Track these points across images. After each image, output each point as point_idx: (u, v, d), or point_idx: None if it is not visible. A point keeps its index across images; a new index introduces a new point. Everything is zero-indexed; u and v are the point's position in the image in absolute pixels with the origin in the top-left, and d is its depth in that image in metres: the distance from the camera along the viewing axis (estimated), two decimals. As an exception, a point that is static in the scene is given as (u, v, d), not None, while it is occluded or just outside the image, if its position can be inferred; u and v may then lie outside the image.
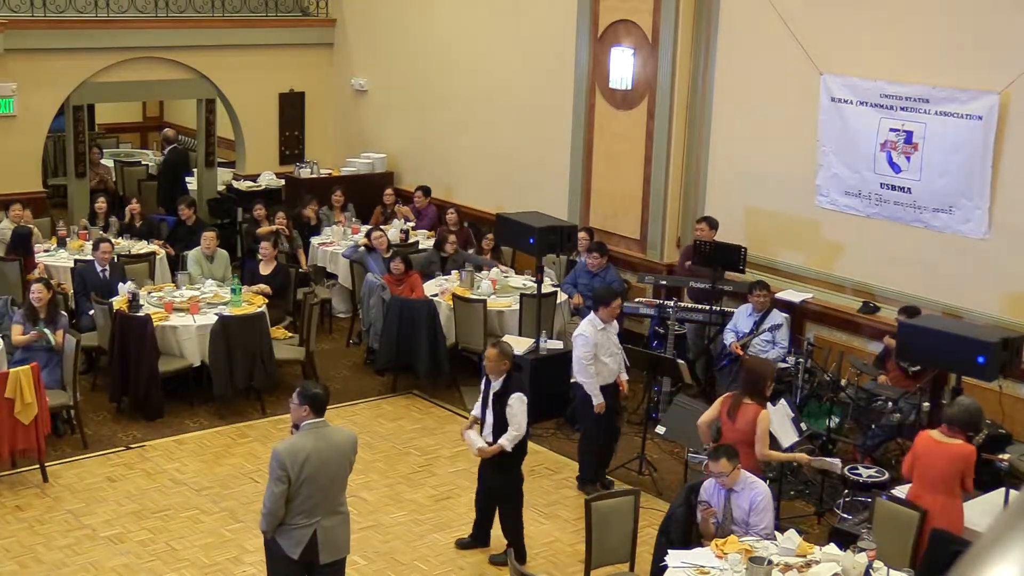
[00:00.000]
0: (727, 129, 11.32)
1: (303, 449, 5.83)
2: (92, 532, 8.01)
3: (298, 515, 5.88)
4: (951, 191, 9.53)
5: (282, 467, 5.76)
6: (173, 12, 14.78)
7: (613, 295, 8.80)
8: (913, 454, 6.95)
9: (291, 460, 5.78)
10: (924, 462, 6.81)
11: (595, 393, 8.57)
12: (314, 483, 5.85)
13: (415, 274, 11.29)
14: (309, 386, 6.06)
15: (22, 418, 8.48)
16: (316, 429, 5.94)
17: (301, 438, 5.90)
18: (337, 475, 6.03)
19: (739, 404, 7.22)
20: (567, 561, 7.80)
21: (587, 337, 8.53)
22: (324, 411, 5.99)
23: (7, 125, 13.59)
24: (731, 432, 7.22)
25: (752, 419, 7.14)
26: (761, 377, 7.31)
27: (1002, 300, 9.30)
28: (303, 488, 5.82)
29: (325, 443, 5.93)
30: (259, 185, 15.18)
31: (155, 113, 20.91)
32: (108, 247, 11.10)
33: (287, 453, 5.80)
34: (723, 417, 7.32)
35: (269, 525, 5.90)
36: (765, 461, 7.40)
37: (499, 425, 7.48)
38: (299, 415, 5.95)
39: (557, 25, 12.58)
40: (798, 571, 6.07)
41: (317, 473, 5.85)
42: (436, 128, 14.68)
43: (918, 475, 6.86)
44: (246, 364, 9.99)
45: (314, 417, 5.93)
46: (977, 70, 9.30)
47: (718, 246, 10.39)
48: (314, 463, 5.84)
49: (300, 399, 5.94)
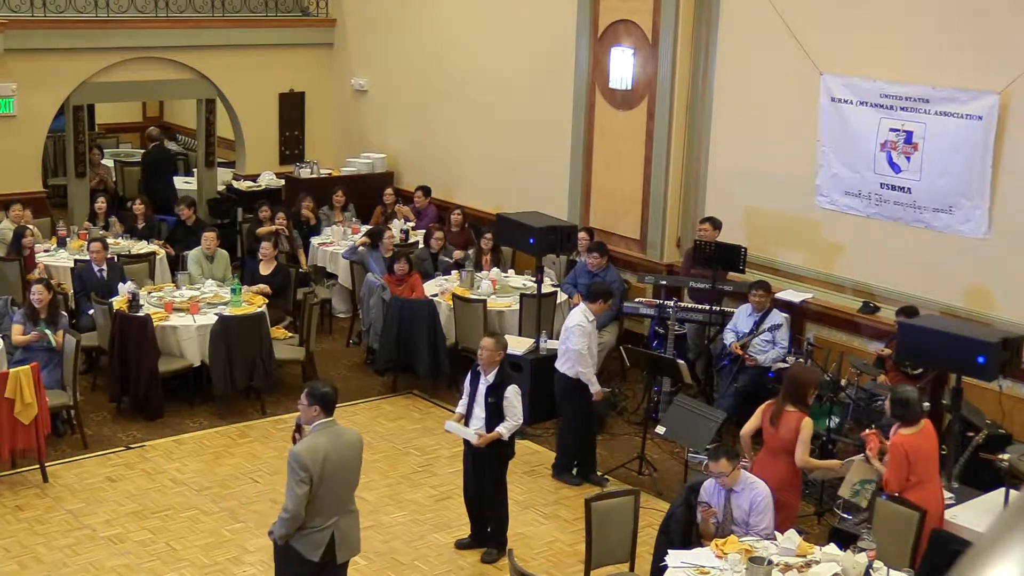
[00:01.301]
0: (727, 129, 11.32)
1: (321, 448, 5.84)
2: (92, 532, 8.01)
3: (317, 516, 5.88)
4: (951, 191, 9.53)
5: (304, 468, 5.76)
6: (173, 12, 14.78)
7: (606, 294, 8.93)
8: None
9: (311, 460, 5.79)
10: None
11: (593, 381, 8.80)
12: (332, 482, 5.87)
13: (416, 275, 11.30)
14: (318, 386, 6.06)
15: (22, 418, 8.48)
16: (329, 428, 5.96)
17: (317, 438, 5.90)
18: (351, 474, 6.08)
19: (781, 411, 7.20)
20: (567, 561, 7.80)
21: (584, 327, 8.72)
22: (334, 410, 6.01)
23: (7, 125, 13.59)
24: (773, 439, 7.21)
25: (795, 426, 7.12)
26: (805, 384, 7.31)
27: (1002, 300, 9.29)
28: (322, 488, 5.83)
29: (340, 441, 5.97)
30: (259, 185, 15.18)
31: (155, 113, 20.89)
32: (98, 246, 11.07)
33: (307, 453, 5.80)
34: (765, 424, 7.29)
35: (289, 528, 5.86)
36: (805, 469, 7.42)
37: (491, 418, 7.54)
38: (309, 415, 5.95)
39: (557, 25, 12.58)
40: (798, 571, 6.07)
41: (335, 472, 5.88)
42: (436, 128, 14.68)
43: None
44: (246, 364, 9.99)
45: (325, 416, 5.94)
46: (977, 70, 9.29)
47: (719, 246, 10.39)
48: (333, 462, 5.87)
49: (310, 399, 5.94)
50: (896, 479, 6.85)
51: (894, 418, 7.12)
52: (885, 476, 6.94)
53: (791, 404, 7.20)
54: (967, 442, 8.16)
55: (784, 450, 7.14)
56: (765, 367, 9.53)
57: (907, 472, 6.85)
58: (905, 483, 6.87)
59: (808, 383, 7.36)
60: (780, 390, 7.41)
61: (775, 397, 7.45)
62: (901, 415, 7.01)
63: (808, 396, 7.30)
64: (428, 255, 12.20)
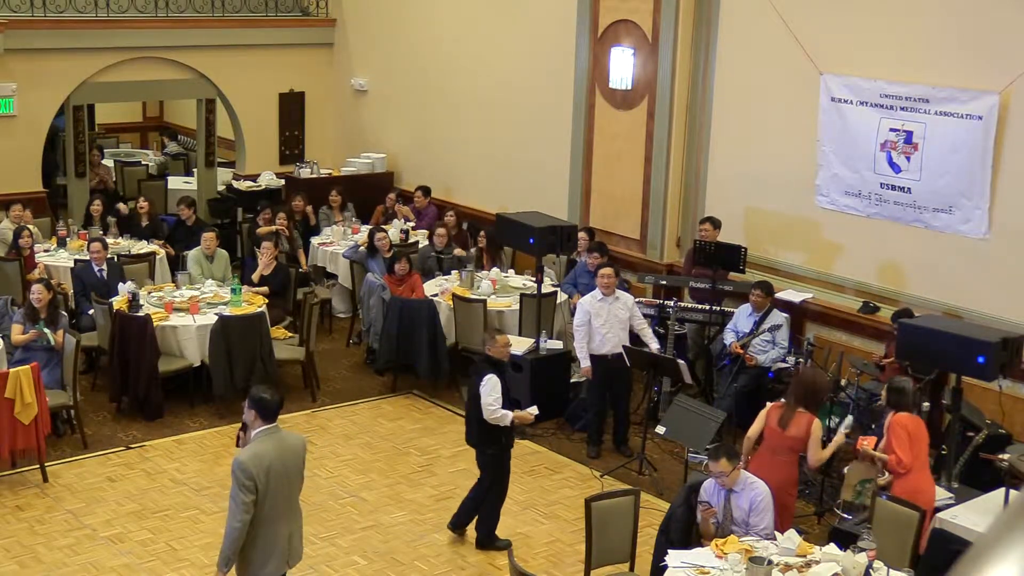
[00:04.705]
0: (727, 129, 11.32)
1: (265, 456, 5.64)
2: (92, 532, 8.01)
3: (271, 525, 5.70)
4: (951, 191, 9.53)
5: (248, 476, 5.56)
6: (173, 12, 14.79)
7: (600, 265, 9.50)
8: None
9: (256, 468, 5.58)
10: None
11: (581, 357, 9.33)
12: (278, 489, 5.69)
13: (416, 275, 11.30)
14: (258, 390, 5.84)
15: (22, 418, 8.48)
16: (272, 435, 5.75)
17: (261, 445, 5.69)
18: (296, 480, 5.89)
19: (793, 413, 7.24)
20: (567, 561, 7.80)
21: (583, 305, 9.34)
22: (275, 417, 5.80)
23: (7, 125, 13.59)
24: (780, 440, 7.23)
25: (806, 427, 7.18)
26: (820, 389, 7.47)
27: (1002, 300, 9.29)
28: (268, 497, 5.64)
29: (284, 448, 5.77)
30: (259, 185, 15.18)
31: (155, 113, 20.91)
32: (98, 246, 11.08)
33: (251, 461, 5.60)
34: (771, 426, 7.28)
35: (234, 546, 5.62)
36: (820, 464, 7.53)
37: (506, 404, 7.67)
38: (251, 420, 5.76)
39: (557, 25, 12.58)
40: (798, 571, 6.07)
41: (280, 479, 5.70)
42: (436, 128, 14.68)
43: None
44: (246, 364, 9.99)
45: (264, 423, 5.74)
46: (977, 70, 9.29)
47: (719, 246, 10.40)
48: (278, 469, 5.68)
49: (249, 403, 5.77)
50: (905, 454, 6.94)
51: (889, 406, 7.30)
52: (891, 458, 6.97)
53: (804, 407, 7.25)
54: (967, 442, 8.17)
55: (790, 449, 7.19)
56: (765, 367, 9.53)
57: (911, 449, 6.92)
58: (912, 459, 6.92)
59: (825, 388, 7.59)
60: (791, 393, 7.39)
61: (777, 399, 7.46)
62: (896, 402, 7.20)
63: (823, 401, 7.46)
64: (431, 252, 12.19)
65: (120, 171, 17.10)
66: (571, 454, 9.58)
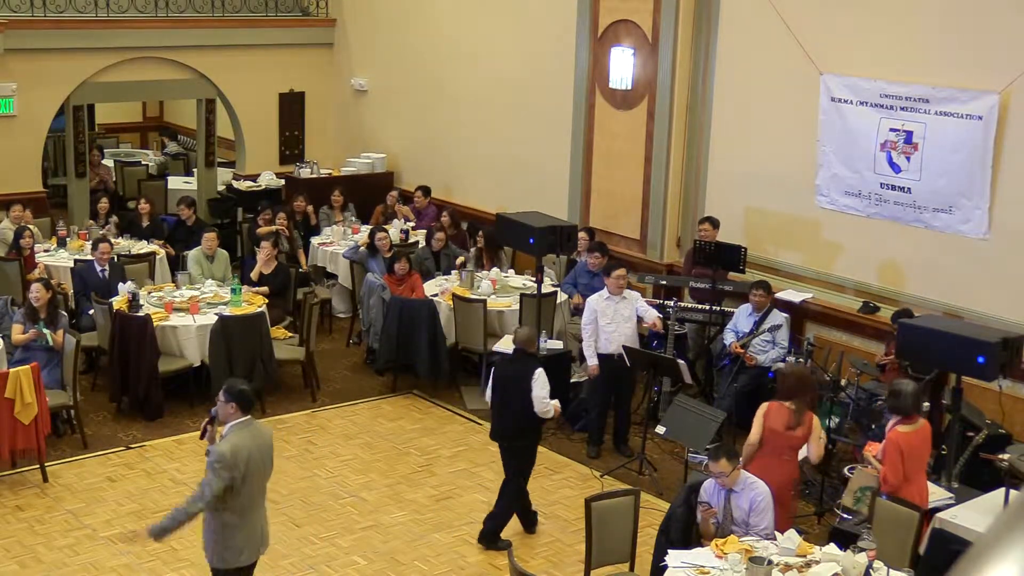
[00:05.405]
0: (727, 129, 11.32)
1: (244, 448, 5.85)
2: (92, 532, 8.01)
3: (245, 514, 5.92)
4: (951, 191, 9.53)
5: (228, 468, 5.75)
6: (173, 12, 14.79)
7: (614, 266, 9.49)
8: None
9: (236, 460, 5.78)
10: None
11: (588, 355, 9.36)
12: (255, 480, 5.92)
13: (416, 275, 11.30)
14: (236, 383, 6.04)
15: (22, 418, 8.48)
16: (248, 426, 5.96)
17: (238, 437, 5.89)
18: (269, 470, 6.12)
19: (803, 413, 7.25)
20: (567, 561, 7.80)
21: (590, 304, 9.44)
22: (251, 409, 6.03)
23: (7, 125, 13.59)
24: (788, 440, 7.22)
25: (808, 424, 7.23)
26: (805, 379, 7.49)
27: (1002, 300, 9.29)
28: (245, 487, 5.84)
29: (260, 440, 5.99)
30: (259, 185, 15.18)
31: (155, 113, 20.91)
32: (107, 247, 11.11)
33: (232, 453, 5.78)
34: (773, 427, 7.25)
35: (179, 526, 5.93)
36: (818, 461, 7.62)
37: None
38: (226, 412, 5.92)
39: (557, 25, 12.58)
40: (798, 571, 6.07)
41: (256, 470, 5.92)
42: (436, 128, 14.68)
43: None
44: (246, 364, 9.99)
45: (242, 415, 5.93)
46: (977, 70, 9.29)
47: (719, 246, 10.40)
48: (256, 460, 5.90)
49: (227, 396, 5.91)
50: (893, 474, 6.89)
51: (889, 410, 7.30)
52: (881, 473, 6.97)
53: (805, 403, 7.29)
54: (967, 442, 8.17)
55: (792, 448, 7.21)
56: (765, 367, 9.53)
57: (902, 468, 6.89)
58: (902, 480, 6.89)
59: (808, 377, 7.60)
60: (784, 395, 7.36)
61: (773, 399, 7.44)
62: (893, 405, 7.17)
63: (815, 388, 7.62)
64: (429, 254, 12.20)
65: (120, 171, 17.09)
66: (571, 454, 9.58)
